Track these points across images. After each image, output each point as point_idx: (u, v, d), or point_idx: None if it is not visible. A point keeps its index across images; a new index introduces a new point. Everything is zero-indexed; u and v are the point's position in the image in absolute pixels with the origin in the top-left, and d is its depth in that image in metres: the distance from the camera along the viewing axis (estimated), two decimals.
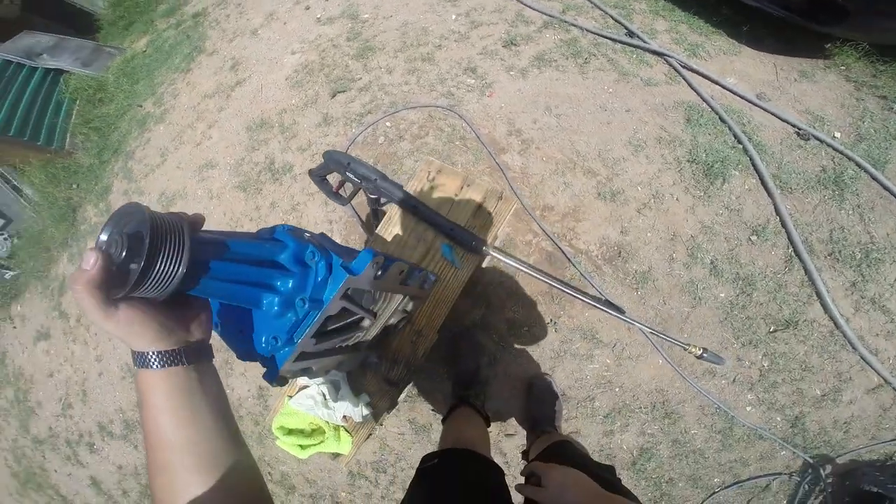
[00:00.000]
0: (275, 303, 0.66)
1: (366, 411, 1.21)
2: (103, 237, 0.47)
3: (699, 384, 1.69)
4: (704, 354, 1.11)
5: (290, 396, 1.24)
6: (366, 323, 0.93)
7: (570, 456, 1.02)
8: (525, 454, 1.47)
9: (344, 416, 1.22)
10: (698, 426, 1.71)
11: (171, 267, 0.48)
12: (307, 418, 1.24)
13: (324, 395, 1.20)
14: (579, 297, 1.05)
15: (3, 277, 3.51)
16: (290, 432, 1.24)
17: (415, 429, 1.91)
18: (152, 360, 0.48)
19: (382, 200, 1.29)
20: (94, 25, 4.16)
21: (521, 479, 0.89)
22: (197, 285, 0.56)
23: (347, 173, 1.23)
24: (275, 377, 0.71)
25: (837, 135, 1.86)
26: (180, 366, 0.49)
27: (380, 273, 0.81)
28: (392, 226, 1.23)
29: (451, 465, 1.06)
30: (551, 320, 1.79)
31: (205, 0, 3.49)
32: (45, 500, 3.37)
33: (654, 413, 1.72)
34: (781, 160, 1.82)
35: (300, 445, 1.23)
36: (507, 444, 1.81)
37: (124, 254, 0.46)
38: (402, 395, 1.65)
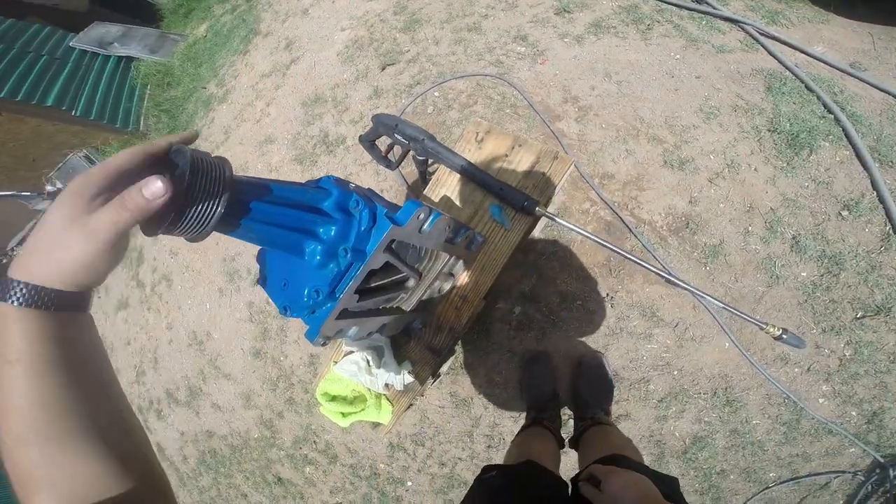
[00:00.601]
0: (317, 251, 0.65)
1: (408, 379, 1.19)
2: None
3: (768, 371, 1.53)
4: (784, 336, 0.98)
5: (336, 362, 1.24)
6: (410, 282, 0.90)
7: (631, 467, 0.95)
8: (574, 441, 1.40)
9: (386, 385, 1.21)
10: (762, 416, 1.57)
11: (210, 205, 0.47)
12: (350, 385, 1.24)
13: (367, 362, 1.20)
14: (642, 263, 0.96)
15: None
16: (334, 399, 1.25)
17: (455, 402, 1.89)
18: (16, 293, 0.39)
19: (430, 162, 1.25)
20: (156, 15, 4.42)
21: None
22: (238, 227, 0.55)
23: (396, 135, 1.20)
24: (316, 334, 0.70)
25: None
26: (46, 311, 0.40)
27: (425, 226, 0.77)
28: (439, 187, 1.19)
29: (509, 478, 1.02)
30: (608, 295, 1.68)
31: None
32: None
33: (714, 400, 1.58)
34: (881, 132, 1.62)
35: (342, 413, 1.24)
36: None
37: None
38: (445, 367, 1.64)
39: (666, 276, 1.01)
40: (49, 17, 4.28)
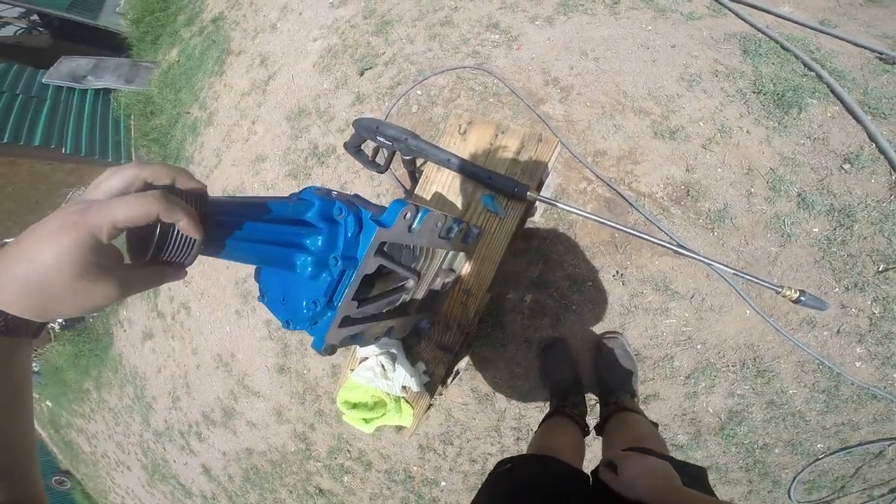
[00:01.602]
0: (308, 263, 0.64)
1: (424, 380, 1.18)
2: None
3: (796, 337, 1.48)
4: (802, 298, 0.92)
5: (352, 370, 1.23)
6: (409, 283, 0.89)
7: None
8: (599, 428, 1.37)
9: (403, 387, 1.19)
10: (797, 385, 1.51)
11: (185, 247, 0.47)
12: (369, 391, 1.24)
13: (382, 367, 1.18)
14: (643, 235, 0.93)
15: None
16: (355, 406, 1.24)
17: (478, 398, 1.87)
18: None
19: (418, 161, 1.24)
20: (123, 44, 4.36)
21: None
22: (223, 248, 0.54)
23: (378, 137, 1.19)
24: (321, 345, 0.70)
25: None
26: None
27: (414, 225, 0.76)
28: (429, 184, 1.17)
29: (522, 471, 1.00)
30: (617, 272, 1.65)
31: (219, 4, 3.59)
32: (169, 490, 3.78)
33: (743, 371, 1.54)
34: (866, 86, 1.58)
35: (364, 419, 1.23)
36: None
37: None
38: (463, 364, 1.62)
39: (670, 246, 0.99)
40: (13, 54, 4.27)
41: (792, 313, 1.50)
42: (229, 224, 0.54)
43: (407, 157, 1.21)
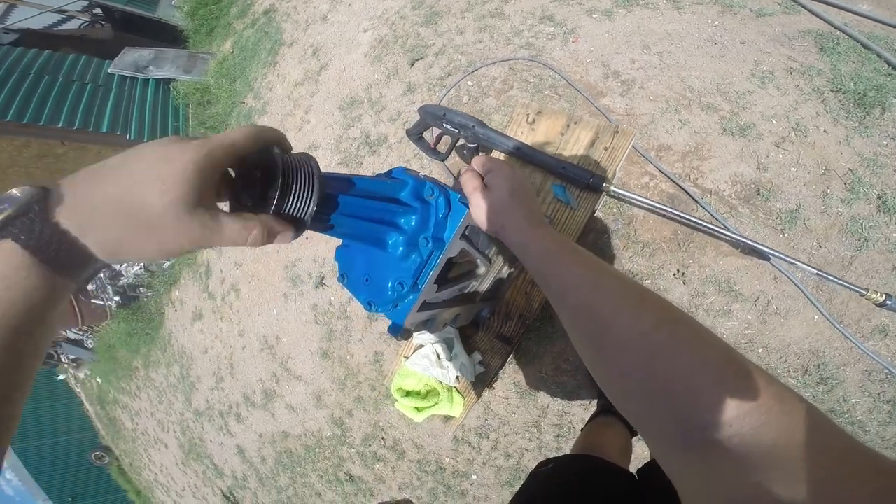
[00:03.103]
0: (400, 242, 0.65)
1: (479, 370, 1.18)
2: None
3: (866, 345, 1.41)
4: (889, 302, 0.90)
5: (406, 357, 1.24)
6: (481, 270, 0.89)
7: None
8: None
9: (457, 377, 1.20)
10: (861, 394, 1.44)
11: (304, 201, 0.48)
12: (422, 379, 1.24)
13: (438, 355, 1.19)
14: (726, 233, 0.90)
15: (163, 267, 4.14)
16: (408, 394, 1.25)
17: (520, 392, 1.86)
18: (41, 237, 0.29)
19: (480, 150, 1.23)
20: (180, 36, 4.57)
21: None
22: (328, 222, 0.56)
23: (444, 124, 1.19)
24: (399, 329, 0.70)
25: None
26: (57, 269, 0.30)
27: None
28: None
29: (565, 471, 0.97)
30: (678, 271, 1.60)
31: None
32: (201, 469, 3.94)
33: (806, 378, 1.47)
34: None
35: (416, 408, 1.24)
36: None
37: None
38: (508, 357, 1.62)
39: (753, 244, 0.95)
40: (79, 46, 4.54)
41: (864, 321, 1.42)
42: (335, 198, 0.55)
43: (471, 146, 1.21)
